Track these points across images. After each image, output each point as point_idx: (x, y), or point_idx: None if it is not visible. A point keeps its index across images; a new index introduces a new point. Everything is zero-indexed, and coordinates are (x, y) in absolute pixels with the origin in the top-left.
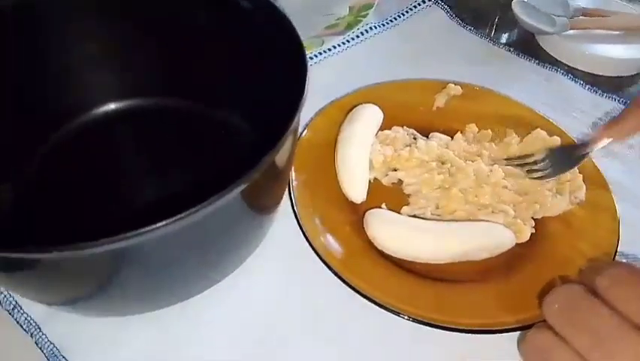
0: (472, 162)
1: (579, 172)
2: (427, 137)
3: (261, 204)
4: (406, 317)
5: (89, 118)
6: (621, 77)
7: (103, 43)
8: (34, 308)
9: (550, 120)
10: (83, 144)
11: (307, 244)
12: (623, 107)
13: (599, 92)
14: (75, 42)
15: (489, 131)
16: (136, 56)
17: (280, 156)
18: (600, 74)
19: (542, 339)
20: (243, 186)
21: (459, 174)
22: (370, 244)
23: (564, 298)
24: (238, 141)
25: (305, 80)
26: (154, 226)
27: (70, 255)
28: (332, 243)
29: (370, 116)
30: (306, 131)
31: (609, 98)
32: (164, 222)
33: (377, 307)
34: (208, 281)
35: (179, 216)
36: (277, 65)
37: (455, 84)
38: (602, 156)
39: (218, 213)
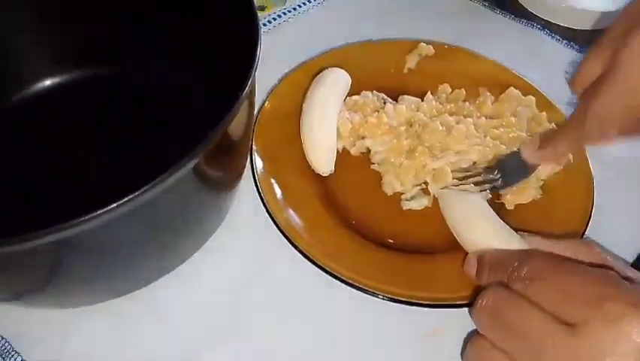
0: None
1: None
2: (398, 101)
3: (218, 179)
4: (380, 296)
5: (26, 93)
6: (599, 30)
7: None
8: None
9: (525, 79)
10: (21, 122)
11: (271, 221)
12: None
13: (576, 47)
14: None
15: (462, 90)
16: (71, 21)
17: (235, 127)
18: (578, 27)
19: (478, 347)
20: (194, 162)
21: (425, 132)
22: (338, 218)
23: (491, 305)
24: (192, 112)
25: (257, 41)
26: (94, 214)
27: (13, 249)
28: (297, 218)
29: (337, 81)
30: (268, 99)
31: (586, 53)
32: (105, 209)
33: (344, 284)
34: (165, 266)
35: (121, 201)
36: (229, 28)
37: (427, 43)
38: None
39: (170, 192)
